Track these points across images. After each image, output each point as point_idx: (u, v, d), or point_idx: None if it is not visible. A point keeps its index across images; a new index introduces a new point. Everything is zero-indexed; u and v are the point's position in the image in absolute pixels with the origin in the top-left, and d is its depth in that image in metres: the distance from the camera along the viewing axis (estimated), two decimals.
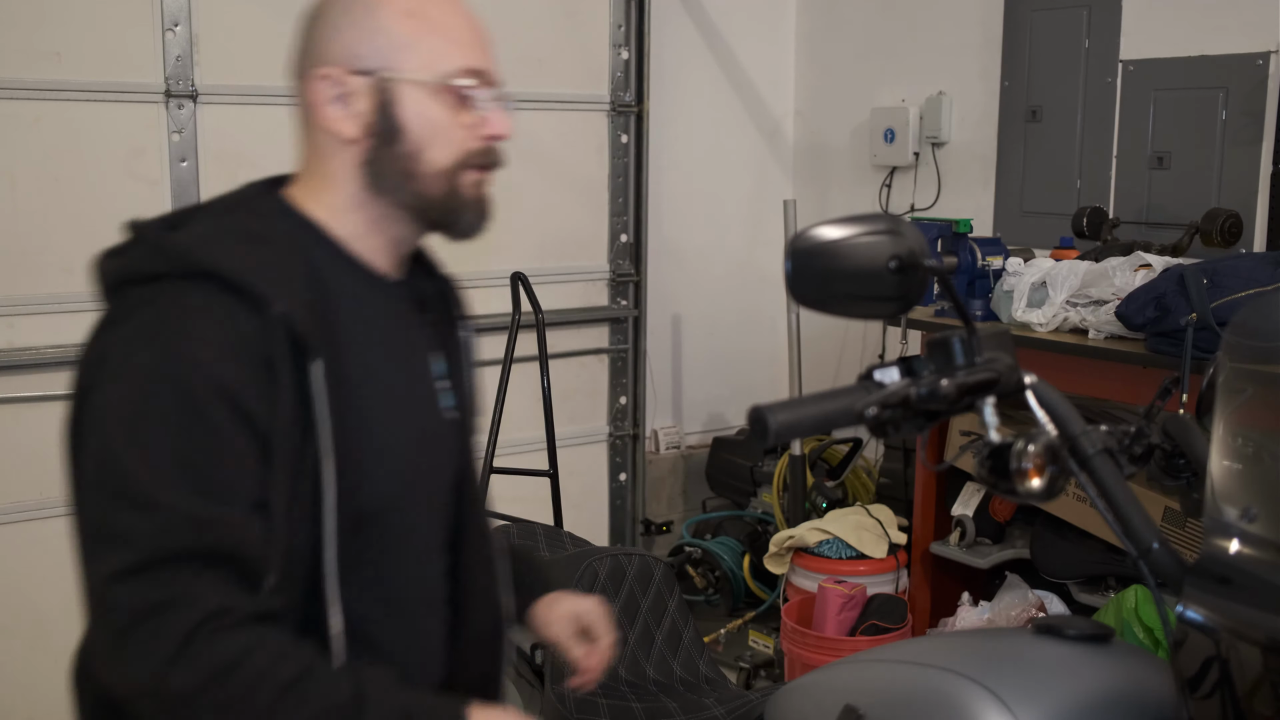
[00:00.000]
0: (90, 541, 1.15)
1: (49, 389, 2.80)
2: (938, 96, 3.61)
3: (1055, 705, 1.17)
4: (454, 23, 1.32)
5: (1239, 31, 2.87)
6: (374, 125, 1.30)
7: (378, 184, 1.31)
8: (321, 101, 1.31)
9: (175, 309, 1.19)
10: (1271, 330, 1.24)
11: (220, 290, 1.19)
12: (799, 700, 1.36)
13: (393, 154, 1.30)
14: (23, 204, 2.74)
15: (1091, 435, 1.26)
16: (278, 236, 1.28)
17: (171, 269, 1.21)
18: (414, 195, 1.31)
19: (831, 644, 3.03)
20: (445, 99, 1.30)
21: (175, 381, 1.15)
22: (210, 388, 1.15)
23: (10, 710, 2.83)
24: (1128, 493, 1.24)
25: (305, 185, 1.36)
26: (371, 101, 1.29)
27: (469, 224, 1.35)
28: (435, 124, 1.30)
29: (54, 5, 2.73)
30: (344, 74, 1.29)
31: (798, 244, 1.22)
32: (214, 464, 1.15)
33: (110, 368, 1.18)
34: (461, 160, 1.32)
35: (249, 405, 1.17)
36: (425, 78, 1.29)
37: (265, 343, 1.18)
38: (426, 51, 1.29)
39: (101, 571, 1.12)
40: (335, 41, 1.31)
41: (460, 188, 1.33)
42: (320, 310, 1.25)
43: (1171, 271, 2.53)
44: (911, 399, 1.19)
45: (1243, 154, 2.87)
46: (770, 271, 4.08)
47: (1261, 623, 1.04)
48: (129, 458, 1.13)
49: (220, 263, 1.20)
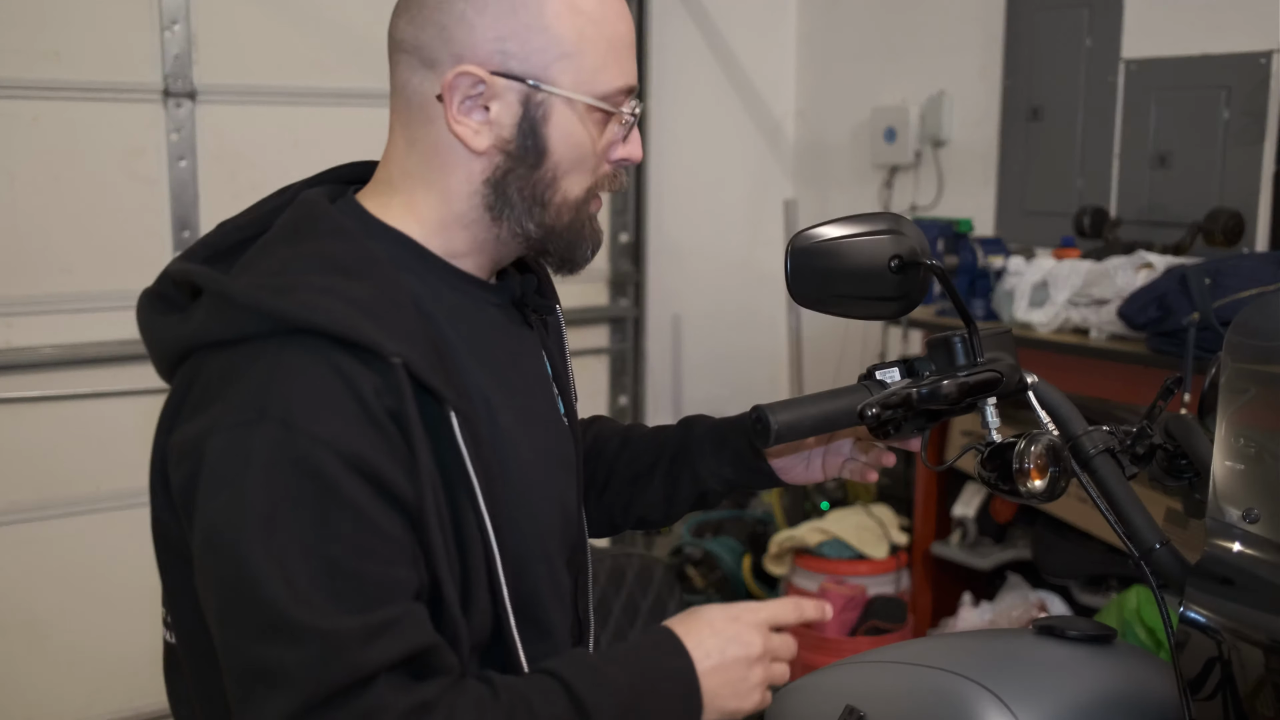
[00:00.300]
0: (244, 682, 0.95)
1: (47, 389, 2.80)
2: (939, 96, 3.60)
3: (1056, 706, 1.16)
4: (619, 29, 1.12)
5: (1241, 31, 2.86)
6: (512, 143, 1.10)
7: (502, 207, 1.12)
8: (453, 100, 1.09)
9: (280, 375, 0.98)
10: (1274, 330, 1.23)
11: (325, 345, 0.98)
12: (799, 701, 1.36)
13: (529, 177, 1.11)
14: (21, 203, 2.74)
15: (1093, 435, 1.25)
16: (373, 264, 1.05)
17: (257, 330, 1.00)
18: (539, 225, 1.13)
19: (832, 645, 3.02)
20: (595, 120, 1.12)
21: (303, 468, 0.95)
22: (345, 465, 0.96)
23: (8, 710, 2.82)
24: (1129, 493, 1.23)
25: (396, 189, 1.15)
26: (515, 113, 1.09)
27: (584, 257, 1.18)
28: (582, 150, 1.12)
29: (52, 4, 2.72)
30: (488, 74, 1.08)
31: (797, 243, 1.21)
32: (368, 559, 0.96)
33: (218, 470, 0.97)
34: (592, 189, 1.16)
35: (392, 478, 0.98)
36: (583, 97, 1.10)
37: (391, 399, 0.99)
38: (589, 65, 1.10)
39: (272, 715, 0.93)
40: (483, 29, 1.07)
41: (585, 219, 1.16)
42: (436, 344, 1.06)
43: (1173, 271, 2.53)
44: (913, 399, 1.18)
45: (1245, 153, 2.87)
46: (770, 271, 4.08)
47: (1264, 624, 1.04)
48: (268, 580, 0.93)
49: (316, 314, 0.98)
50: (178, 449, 1.01)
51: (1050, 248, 3.08)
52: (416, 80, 1.12)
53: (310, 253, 1.05)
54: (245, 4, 2.95)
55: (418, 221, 1.14)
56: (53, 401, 2.81)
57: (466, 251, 1.15)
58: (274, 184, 1.23)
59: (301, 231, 1.09)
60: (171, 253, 2.91)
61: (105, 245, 2.84)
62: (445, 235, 1.14)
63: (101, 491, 2.88)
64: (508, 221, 1.13)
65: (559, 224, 1.14)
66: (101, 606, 2.90)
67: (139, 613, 2.94)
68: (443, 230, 1.14)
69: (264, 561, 0.93)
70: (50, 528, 2.83)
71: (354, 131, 3.10)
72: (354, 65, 3.10)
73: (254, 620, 0.94)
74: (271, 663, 0.93)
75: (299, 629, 0.92)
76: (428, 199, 1.13)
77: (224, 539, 0.96)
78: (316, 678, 0.92)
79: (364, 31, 3.11)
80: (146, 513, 1.12)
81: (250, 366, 0.99)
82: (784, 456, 1.40)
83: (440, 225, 1.14)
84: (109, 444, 2.88)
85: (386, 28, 1.14)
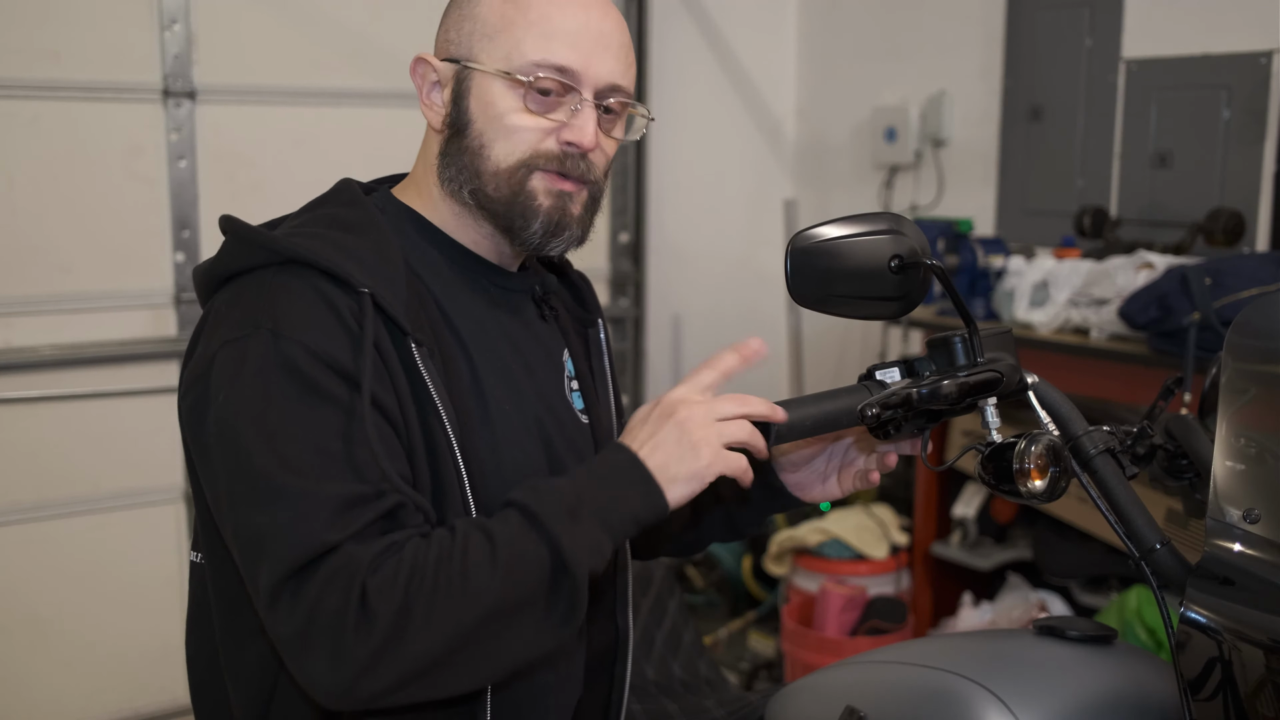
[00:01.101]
0: (246, 556, 1.09)
1: (47, 389, 2.79)
2: (939, 95, 3.60)
3: (1057, 706, 1.16)
4: (558, 16, 1.22)
5: (1242, 30, 2.86)
6: (449, 114, 1.26)
7: (448, 177, 1.26)
8: (421, 87, 1.29)
9: (271, 294, 1.14)
10: (1275, 330, 1.23)
11: (310, 273, 1.15)
12: (799, 701, 1.36)
13: (460, 147, 1.25)
14: (20, 203, 2.73)
15: (1094, 436, 1.25)
16: (372, 225, 1.22)
17: (265, 260, 1.17)
18: (474, 194, 1.25)
19: (832, 645, 3.02)
20: (518, 94, 1.22)
21: (289, 368, 1.10)
22: (325, 365, 1.10)
23: (8, 710, 2.82)
24: (1130, 493, 1.23)
25: (412, 175, 1.33)
26: (450, 91, 1.26)
27: (538, 236, 1.25)
28: (502, 121, 1.22)
29: (52, 4, 2.72)
30: (436, 60, 1.27)
31: (797, 243, 1.21)
32: (350, 444, 1.09)
33: (220, 372, 1.13)
34: (528, 160, 1.23)
35: (372, 385, 1.11)
36: (499, 69, 1.22)
37: (364, 321, 1.13)
38: (509, 41, 1.22)
39: (265, 582, 1.06)
40: (440, 27, 1.29)
41: (526, 193, 1.24)
42: (420, 297, 1.21)
43: (1174, 271, 2.53)
44: (913, 399, 1.18)
45: (1245, 153, 2.87)
46: (770, 271, 4.08)
47: (1264, 624, 1.04)
48: (260, 453, 1.07)
49: (306, 248, 1.15)
50: (189, 373, 1.17)
51: (1050, 247, 3.08)
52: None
53: (322, 215, 1.24)
54: (245, 4, 2.95)
55: (420, 197, 1.30)
56: (53, 401, 2.81)
57: (457, 226, 1.29)
58: (274, 184, 1.30)
59: (325, 201, 1.28)
60: (171, 253, 2.91)
61: (105, 245, 2.84)
62: (438, 209, 1.29)
63: (101, 491, 2.88)
64: (455, 191, 1.26)
65: (499, 195, 1.24)
66: (101, 606, 2.90)
67: (139, 612, 2.94)
68: (435, 204, 1.29)
69: (257, 440, 1.08)
70: (50, 527, 2.83)
71: (354, 131, 3.10)
72: (354, 65, 3.10)
73: (250, 492, 1.07)
74: (264, 527, 1.06)
75: (285, 492, 1.06)
76: (426, 178, 1.30)
77: (225, 428, 1.10)
78: (300, 538, 1.04)
79: (364, 31, 3.11)
80: (146, 512, 1.21)
81: (250, 290, 1.16)
82: (799, 473, 1.41)
83: (434, 200, 1.29)
84: (109, 444, 2.88)
85: (386, 28, 1.30)
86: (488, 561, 1.07)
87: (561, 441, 1.31)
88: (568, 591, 1.09)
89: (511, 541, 1.08)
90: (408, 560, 1.06)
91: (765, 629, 3.52)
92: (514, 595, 1.07)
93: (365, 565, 1.05)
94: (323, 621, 1.04)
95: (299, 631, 1.04)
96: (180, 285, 2.93)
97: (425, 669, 1.06)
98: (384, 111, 3.14)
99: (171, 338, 2.94)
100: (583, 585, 1.09)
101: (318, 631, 1.04)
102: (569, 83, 1.22)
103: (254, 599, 1.09)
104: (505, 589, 1.07)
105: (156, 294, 2.92)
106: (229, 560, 1.19)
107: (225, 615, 1.24)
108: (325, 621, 1.04)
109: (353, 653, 1.03)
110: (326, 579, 1.04)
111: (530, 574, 1.08)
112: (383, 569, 1.05)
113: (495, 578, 1.06)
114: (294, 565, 1.05)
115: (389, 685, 1.05)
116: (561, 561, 1.08)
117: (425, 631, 1.05)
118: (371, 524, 1.08)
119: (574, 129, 1.23)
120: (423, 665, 1.05)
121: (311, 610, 1.04)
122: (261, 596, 1.07)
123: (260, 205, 2.97)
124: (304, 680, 1.07)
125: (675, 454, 1.14)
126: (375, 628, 1.03)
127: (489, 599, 1.06)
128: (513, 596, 1.07)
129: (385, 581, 1.05)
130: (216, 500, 1.14)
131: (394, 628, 1.04)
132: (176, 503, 2.97)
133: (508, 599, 1.07)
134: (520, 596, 1.07)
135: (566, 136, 1.23)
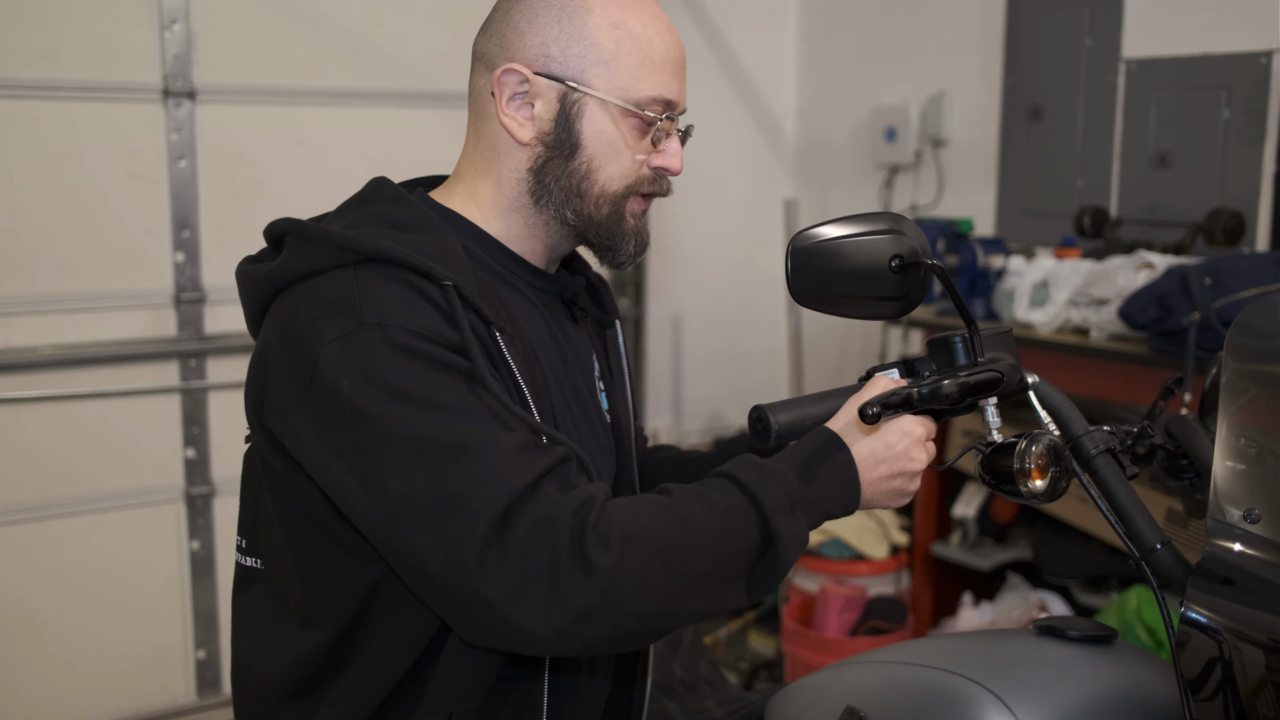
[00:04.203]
0: (430, 519, 1.06)
1: (47, 389, 2.79)
2: (939, 95, 3.60)
3: (1057, 706, 1.16)
4: (659, 46, 1.26)
5: (1242, 30, 2.86)
6: (550, 134, 1.26)
7: (542, 194, 1.28)
8: (502, 95, 1.26)
9: (360, 291, 1.13)
10: (1274, 330, 1.23)
11: (392, 269, 1.14)
12: (799, 701, 1.36)
13: (564, 168, 1.26)
14: (20, 203, 2.73)
15: (1094, 435, 1.25)
16: (424, 221, 1.22)
17: (340, 260, 1.16)
18: (577, 214, 1.28)
19: (832, 645, 3.02)
20: (630, 125, 1.26)
21: (409, 351, 1.09)
22: (441, 346, 1.11)
23: (8, 710, 2.82)
24: (1130, 493, 1.23)
25: (460, 179, 1.32)
26: (554, 109, 1.25)
27: (627, 253, 1.31)
28: (614, 148, 1.26)
29: (52, 4, 2.72)
30: (531, 73, 1.25)
31: (797, 243, 1.21)
32: (495, 400, 1.10)
33: (332, 370, 1.10)
34: (632, 185, 1.29)
35: (478, 360, 1.11)
36: (615, 99, 1.24)
37: (455, 308, 1.13)
38: (624, 72, 1.24)
39: (467, 540, 1.04)
40: (531, 36, 1.25)
41: (624, 215, 1.29)
42: (485, 290, 1.22)
43: (1174, 271, 2.53)
44: (914, 399, 1.18)
45: (1245, 153, 2.87)
46: (770, 271, 4.08)
47: (1264, 624, 1.04)
48: (424, 424, 1.06)
49: (385, 245, 1.15)
50: (286, 390, 1.13)
51: (1050, 247, 3.08)
52: (481, 82, 1.30)
53: (371, 213, 1.23)
54: (245, 4, 2.95)
55: (477, 205, 1.30)
56: (53, 401, 2.81)
57: (521, 234, 1.31)
58: (274, 184, 1.28)
59: (366, 199, 1.27)
60: (171, 253, 2.91)
61: (105, 245, 2.84)
62: (501, 219, 1.30)
63: (101, 491, 2.88)
64: (549, 207, 1.28)
65: (597, 215, 1.28)
66: (101, 606, 2.90)
67: (139, 612, 2.94)
68: (498, 213, 1.30)
69: (410, 411, 1.06)
70: (50, 527, 2.83)
71: (354, 131, 3.10)
72: (354, 65, 3.10)
73: (423, 459, 1.05)
74: (452, 484, 1.04)
75: (466, 445, 1.05)
76: (485, 185, 1.30)
77: (364, 414, 1.07)
78: (497, 483, 1.04)
79: (364, 31, 3.11)
80: (146, 512, 1.18)
81: (329, 290, 1.14)
82: None
83: (496, 209, 1.30)
84: (109, 444, 2.88)
85: (386, 27, 1.26)
86: (705, 533, 1.11)
87: (591, 439, 1.34)
88: (767, 570, 1.16)
89: (731, 516, 1.14)
90: (622, 515, 1.09)
91: (765, 629, 3.52)
92: (722, 566, 1.12)
93: (570, 511, 1.07)
94: (536, 567, 1.04)
95: (513, 582, 1.04)
96: (180, 285, 2.93)
97: (637, 628, 1.09)
98: (384, 112, 3.14)
99: (171, 338, 2.94)
100: (784, 572, 1.17)
101: (531, 579, 1.04)
102: (670, 115, 1.29)
103: (441, 573, 1.05)
104: (716, 561, 1.12)
105: (156, 294, 2.92)
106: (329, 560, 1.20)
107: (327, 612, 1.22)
108: (539, 567, 1.04)
109: (567, 599, 1.04)
110: (532, 526, 1.05)
111: (741, 547, 1.14)
112: (598, 523, 1.07)
113: (711, 551, 1.11)
114: (498, 513, 1.04)
115: (600, 637, 1.08)
116: (775, 556, 1.15)
117: (640, 592, 1.07)
118: (552, 469, 1.10)
119: (668, 156, 1.29)
120: (636, 624, 1.09)
121: (523, 558, 1.04)
122: (464, 559, 1.04)
123: (260, 205, 2.99)
124: (512, 636, 1.06)
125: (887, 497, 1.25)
126: (594, 580, 1.05)
127: (700, 568, 1.11)
128: (723, 572, 1.13)
129: (603, 535, 1.07)
130: (362, 495, 1.09)
131: (613, 583, 1.06)
132: (177, 503, 2.97)
133: (718, 573, 1.12)
134: (729, 572, 1.13)
135: (660, 163, 1.29)
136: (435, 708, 1.21)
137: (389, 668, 1.20)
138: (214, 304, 2.97)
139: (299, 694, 1.25)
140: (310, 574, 1.23)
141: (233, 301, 2.99)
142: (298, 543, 1.23)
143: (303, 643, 1.24)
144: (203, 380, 2.98)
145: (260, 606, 1.29)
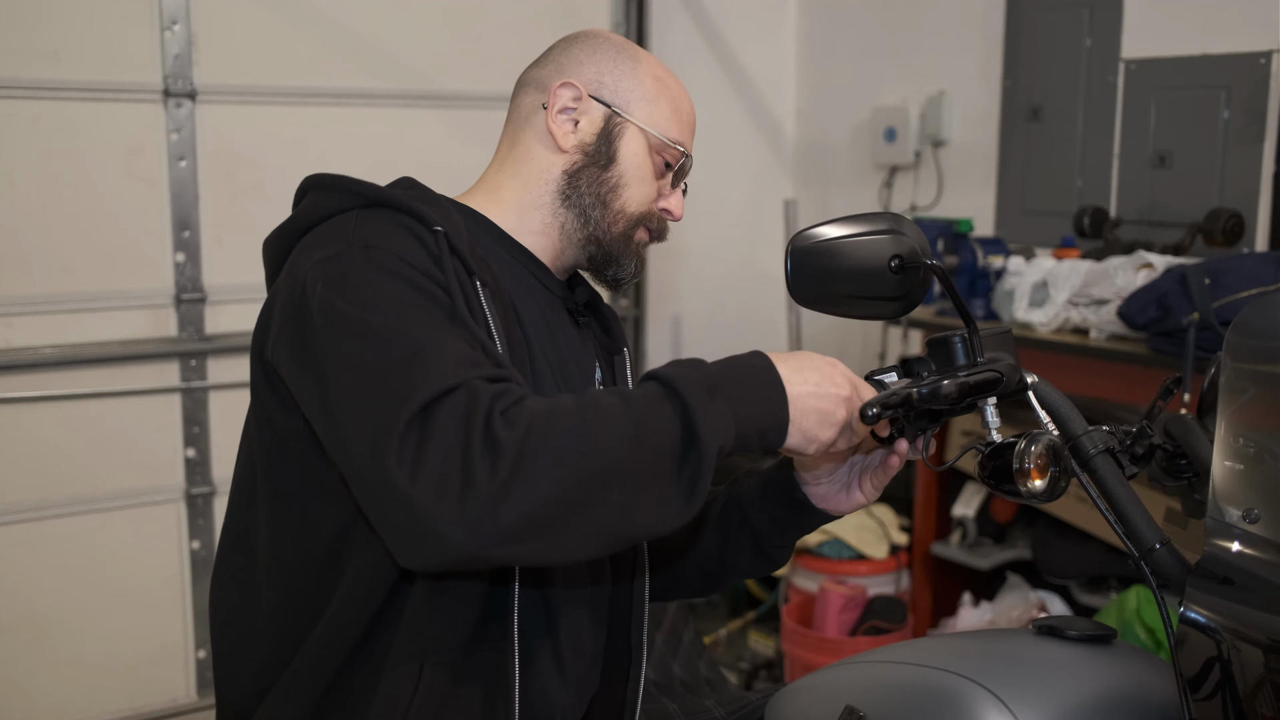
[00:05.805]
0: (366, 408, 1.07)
1: (47, 389, 2.80)
2: (939, 96, 3.60)
3: (1056, 706, 1.16)
4: (685, 105, 1.45)
5: (1241, 30, 2.86)
6: (590, 146, 1.39)
7: (571, 193, 1.40)
8: (554, 105, 1.39)
9: (357, 225, 1.24)
10: (1274, 330, 1.23)
11: (392, 213, 1.25)
12: (799, 701, 1.36)
13: (598, 176, 1.39)
14: (20, 203, 2.73)
15: (1093, 435, 1.25)
16: (438, 200, 1.34)
17: (347, 204, 1.27)
18: (595, 223, 1.40)
19: (832, 645, 3.02)
20: (656, 159, 1.42)
21: (389, 269, 1.17)
22: (420, 272, 1.18)
23: (8, 709, 2.82)
24: (1129, 493, 1.23)
25: (484, 183, 1.44)
26: (597, 127, 1.40)
27: (626, 273, 1.44)
28: (642, 172, 1.41)
29: (51, 4, 2.72)
30: (586, 93, 1.40)
31: (797, 243, 1.21)
32: (458, 324, 1.16)
33: (317, 281, 1.18)
34: (645, 214, 1.43)
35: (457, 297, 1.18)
36: (652, 131, 1.41)
37: (442, 249, 1.22)
38: (659, 114, 1.41)
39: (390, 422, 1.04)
40: (589, 65, 1.42)
41: (632, 238, 1.42)
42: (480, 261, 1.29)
43: (1173, 271, 2.53)
44: (913, 399, 1.18)
45: (1245, 153, 2.87)
46: (770, 271, 4.08)
47: (1263, 624, 1.04)
48: (384, 318, 1.12)
49: (388, 192, 1.27)
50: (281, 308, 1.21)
51: (1050, 248, 3.08)
52: (529, 100, 1.43)
53: (390, 188, 1.33)
54: (245, 4, 2.95)
55: (497, 203, 1.41)
56: (53, 401, 2.81)
57: (534, 230, 1.40)
58: (274, 184, 1.31)
59: (385, 186, 1.35)
60: (171, 253, 2.91)
61: (105, 245, 2.84)
62: (518, 213, 1.40)
63: (101, 491, 2.88)
64: (573, 208, 1.40)
65: (612, 230, 1.41)
66: (102, 606, 2.90)
67: (139, 612, 2.95)
68: (517, 209, 1.40)
69: (376, 310, 1.13)
70: (50, 527, 2.83)
71: (354, 131, 3.10)
72: (354, 65, 3.10)
73: (372, 355, 1.10)
74: (393, 370, 1.08)
75: (413, 340, 1.10)
76: (512, 185, 1.41)
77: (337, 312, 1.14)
78: (430, 374, 1.07)
79: (364, 31, 3.11)
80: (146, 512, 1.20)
81: (332, 229, 1.25)
82: (822, 485, 1.43)
83: (516, 204, 1.40)
84: (110, 444, 2.88)
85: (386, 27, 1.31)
86: (619, 417, 1.08)
87: None
88: (694, 463, 1.10)
89: (646, 403, 1.11)
90: (535, 403, 1.08)
91: (765, 629, 3.52)
92: (642, 455, 1.08)
93: (488, 397, 1.06)
94: (448, 450, 1.02)
95: (425, 469, 1.02)
96: (180, 285, 2.93)
97: (548, 516, 1.03)
98: (384, 112, 3.14)
99: (171, 338, 2.94)
100: (710, 462, 1.10)
101: (442, 461, 1.02)
102: (683, 165, 1.44)
103: (364, 462, 1.06)
104: (634, 448, 1.07)
105: (156, 294, 2.92)
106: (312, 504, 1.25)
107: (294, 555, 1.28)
108: (450, 450, 1.02)
109: (476, 480, 1.01)
110: (450, 412, 1.04)
111: (661, 438, 1.09)
112: (508, 408, 1.06)
113: (625, 434, 1.07)
114: (423, 402, 1.04)
115: (511, 527, 1.02)
116: (693, 433, 1.09)
117: (551, 471, 1.03)
118: (491, 376, 1.11)
119: (673, 202, 1.46)
120: (545, 510, 1.03)
121: (436, 441, 1.03)
122: (382, 443, 1.04)
123: (260, 205, 2.99)
124: (428, 532, 1.02)
125: (819, 417, 1.21)
126: (500, 456, 1.02)
127: (617, 453, 1.06)
128: (640, 456, 1.07)
129: (511, 416, 1.05)
130: (324, 394, 1.12)
131: (519, 458, 1.02)
132: (177, 502, 2.97)
133: (635, 458, 1.07)
134: (647, 459, 1.08)
135: (665, 205, 1.45)
136: (406, 657, 1.23)
137: (356, 611, 1.24)
138: (214, 304, 2.98)
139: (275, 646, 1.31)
140: (282, 511, 1.29)
141: (233, 301, 3.00)
142: (274, 477, 1.28)
143: (276, 592, 1.30)
144: (203, 380, 2.98)
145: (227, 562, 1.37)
